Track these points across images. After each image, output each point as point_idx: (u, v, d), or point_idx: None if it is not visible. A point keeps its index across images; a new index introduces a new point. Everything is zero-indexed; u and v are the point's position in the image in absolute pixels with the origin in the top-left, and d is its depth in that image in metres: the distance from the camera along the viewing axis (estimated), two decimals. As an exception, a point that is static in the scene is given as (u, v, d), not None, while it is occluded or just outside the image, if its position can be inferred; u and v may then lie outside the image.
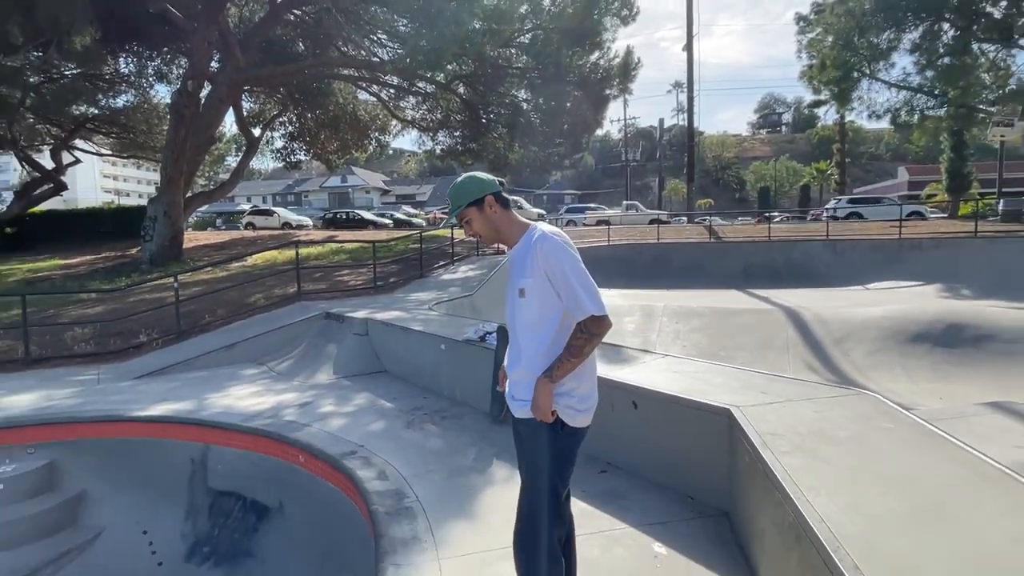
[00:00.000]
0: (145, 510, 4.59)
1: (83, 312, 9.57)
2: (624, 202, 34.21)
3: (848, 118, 34.00)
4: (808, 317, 10.15)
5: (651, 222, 24.15)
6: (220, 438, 4.53)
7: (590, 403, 1.95)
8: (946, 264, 14.21)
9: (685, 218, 27.06)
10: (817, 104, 25.55)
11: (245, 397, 5.38)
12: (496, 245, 15.05)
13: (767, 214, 31.25)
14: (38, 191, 21.46)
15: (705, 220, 25.58)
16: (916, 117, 19.32)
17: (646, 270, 16.04)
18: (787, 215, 35.87)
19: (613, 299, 12.46)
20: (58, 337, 7.87)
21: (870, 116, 20.42)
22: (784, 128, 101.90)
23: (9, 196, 28.19)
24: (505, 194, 1.99)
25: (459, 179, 1.99)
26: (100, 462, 4.75)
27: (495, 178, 1.98)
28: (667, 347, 9.40)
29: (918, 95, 18.96)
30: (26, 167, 22.53)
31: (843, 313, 10.21)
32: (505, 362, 2.06)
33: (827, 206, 25.74)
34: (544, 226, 1.92)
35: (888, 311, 10.11)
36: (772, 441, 2.47)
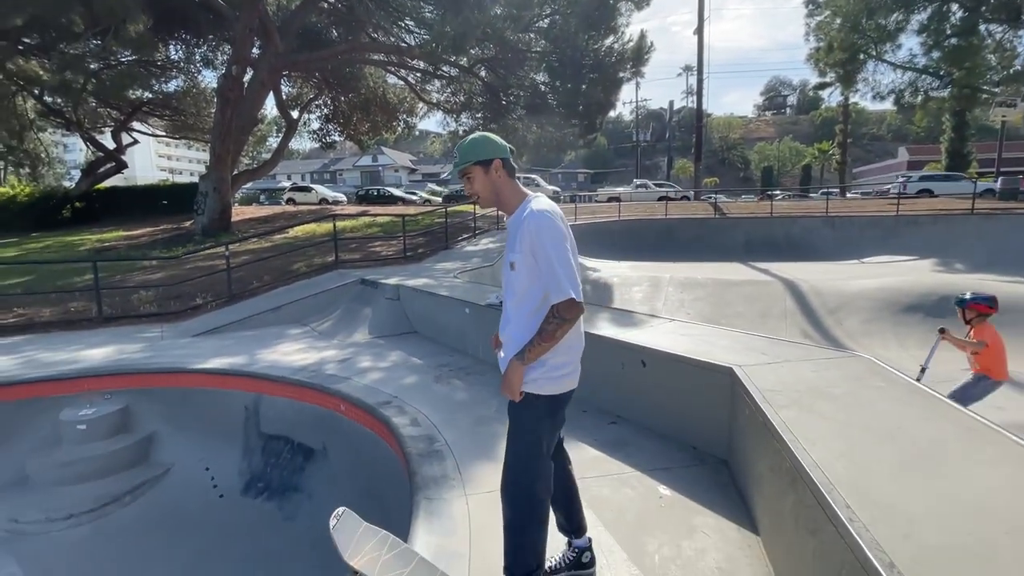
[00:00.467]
0: (207, 450, 4.79)
1: (146, 278, 9.83)
2: (634, 180, 33.54)
3: (852, 100, 32.56)
4: (805, 288, 9.96)
5: (660, 199, 23.71)
6: (270, 388, 4.68)
7: (565, 370, 1.82)
8: (942, 240, 13.74)
9: (691, 195, 26.49)
10: (822, 86, 24.43)
11: (291, 353, 5.52)
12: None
13: (769, 192, 30.40)
14: (102, 169, 21.80)
15: (711, 198, 25.00)
16: (920, 98, 18.41)
17: (654, 244, 15.82)
18: (788, 193, 34.87)
19: (622, 270, 12.36)
20: (126, 299, 8.12)
21: (874, 97, 19.54)
22: (788, 110, 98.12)
23: (77, 174, 28.70)
24: (513, 163, 1.86)
25: (471, 136, 1.86)
26: (167, 408, 4.95)
27: (507, 144, 1.85)
28: (672, 315, 9.32)
29: (923, 76, 18.01)
30: (90, 147, 22.87)
31: (838, 285, 9.99)
32: (499, 327, 1.97)
33: (898, 180, 23.47)
34: (538, 202, 1.79)
35: (882, 283, 9.86)
36: (771, 396, 2.46)
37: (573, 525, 2.08)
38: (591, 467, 2.92)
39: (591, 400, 3.84)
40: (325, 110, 21.23)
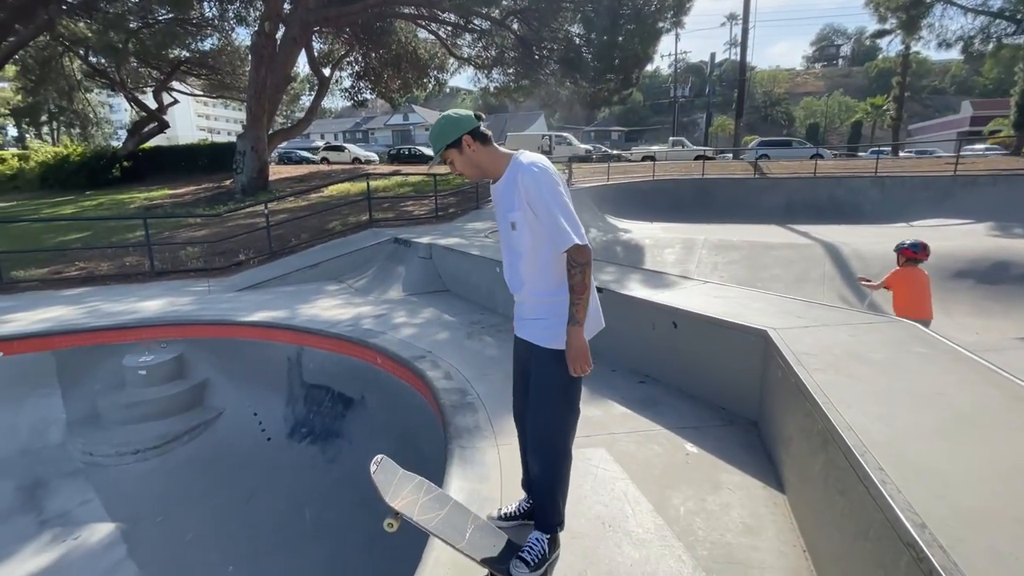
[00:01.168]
0: (255, 397, 5.09)
1: (192, 235, 10.22)
2: (670, 138, 32.21)
3: (913, 48, 29.81)
4: (846, 252, 9.54)
5: (696, 158, 22.76)
6: (311, 341, 4.88)
7: (590, 320, 1.80)
8: (1001, 202, 12.78)
9: (731, 155, 25.30)
10: (881, 34, 22.41)
11: (329, 308, 5.71)
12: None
13: (817, 151, 28.70)
14: (146, 129, 22.39)
15: (756, 154, 23.75)
16: (991, 46, 16.74)
17: (689, 205, 15.32)
18: (835, 152, 32.84)
19: (655, 232, 12.08)
20: (174, 254, 8.49)
21: (939, 45, 17.92)
22: (841, 61, 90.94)
23: (123, 134, 29.59)
24: (484, 128, 1.79)
25: (435, 123, 1.81)
26: (217, 357, 5.25)
27: (471, 113, 1.79)
28: (706, 277, 9.11)
29: (997, 21, 16.30)
30: (134, 107, 23.43)
31: (882, 249, 9.48)
32: (512, 292, 1.94)
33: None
34: (526, 156, 1.76)
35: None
36: (806, 359, 2.42)
37: None
38: (619, 423, 2.97)
39: (621, 360, 3.86)
40: (356, 67, 20.97)
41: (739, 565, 1.90)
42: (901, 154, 27.24)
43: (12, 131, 39.74)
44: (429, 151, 29.08)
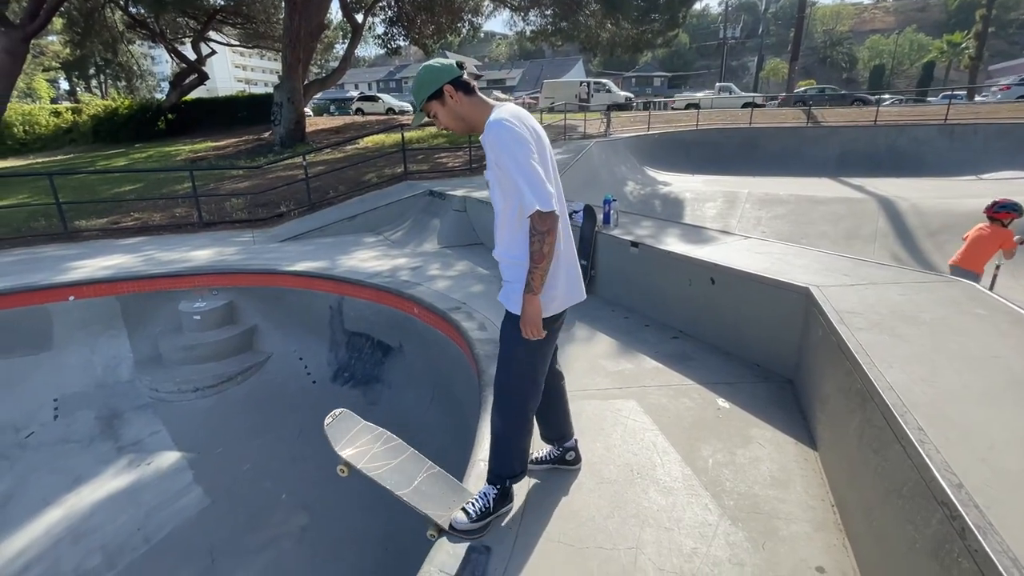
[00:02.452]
0: (300, 343, 5.37)
1: (235, 186, 10.51)
2: (717, 84, 30.23)
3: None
4: (903, 207, 8.94)
5: (744, 106, 21.39)
6: (351, 291, 5.05)
7: (560, 292, 1.74)
8: (1089, 153, 11.58)
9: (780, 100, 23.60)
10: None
11: (367, 260, 5.85)
12: (582, 130, 13.88)
13: (875, 96, 26.43)
14: (187, 81, 22.69)
15: (804, 102, 22.10)
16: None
17: (734, 156, 14.56)
18: (900, 97, 30.14)
19: (696, 185, 11.62)
20: (220, 206, 8.80)
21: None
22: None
23: (165, 86, 30.17)
24: (467, 77, 1.70)
25: (416, 73, 1.71)
26: (264, 305, 5.52)
27: (453, 62, 1.70)
28: (748, 233, 8.80)
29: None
30: (174, 59, 23.69)
31: (945, 204, 8.85)
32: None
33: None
34: (498, 110, 1.63)
35: (1001, 203, 8.62)
36: (849, 318, 2.35)
37: (554, 434, 2.14)
38: (650, 377, 3.00)
39: (654, 315, 3.84)
40: (389, 12, 20.35)
41: (765, 515, 1.94)
42: (977, 99, 24.73)
43: (64, 84, 41.09)
44: (463, 101, 28.49)
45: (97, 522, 3.59)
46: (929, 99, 28.40)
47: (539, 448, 2.22)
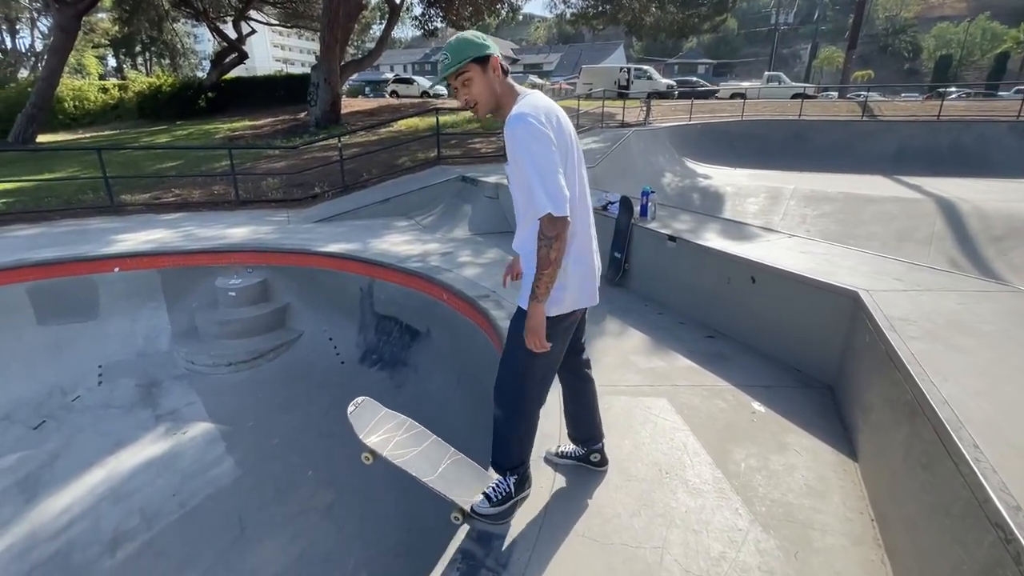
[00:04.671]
0: (330, 323, 5.51)
1: (271, 166, 10.79)
2: (766, 73, 29.11)
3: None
4: (964, 209, 8.47)
5: (794, 96, 20.58)
6: (382, 274, 5.15)
7: (569, 292, 1.68)
8: None
9: (835, 93, 22.59)
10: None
11: (398, 244, 5.94)
12: (620, 118, 13.62)
13: (940, 89, 24.99)
14: (227, 60, 23.35)
15: (860, 96, 21.07)
16: None
17: (780, 150, 14.05)
18: (968, 91, 28.41)
19: (738, 179, 11.30)
20: (256, 185, 9.06)
21: None
22: (994, -23, 76.35)
23: (207, 65, 31.07)
24: (504, 63, 1.62)
25: (458, 34, 1.62)
26: (297, 284, 5.68)
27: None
28: (791, 231, 8.52)
29: None
30: (216, 37, 24.37)
31: (1011, 208, 8.34)
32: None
33: None
34: (523, 102, 1.56)
35: (1077, 209, 8.07)
36: (901, 326, 2.26)
37: (581, 435, 2.11)
38: (683, 376, 2.96)
39: (690, 312, 3.78)
40: (427, -8, 20.35)
41: (799, 524, 1.90)
42: (1055, 94, 23.08)
43: (112, 61, 42.85)
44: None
45: (136, 485, 3.80)
46: (1000, 93, 26.69)
47: (565, 442, 2.23)
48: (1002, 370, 1.88)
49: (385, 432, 2.10)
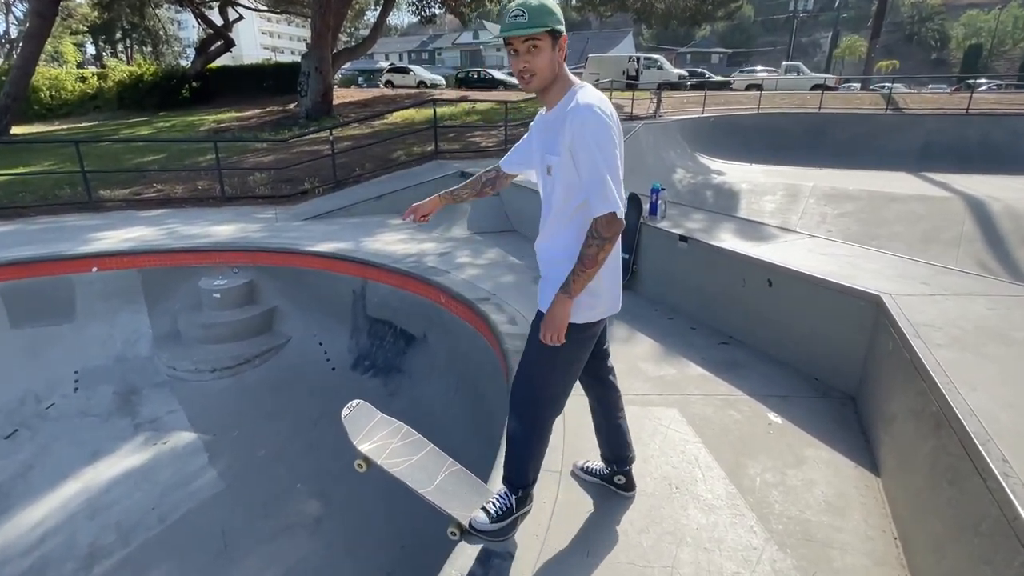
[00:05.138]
0: (320, 327, 5.53)
1: (258, 160, 10.82)
2: (784, 63, 29.14)
3: None
4: (995, 209, 8.46)
5: (813, 88, 20.61)
6: (375, 275, 5.16)
7: (602, 300, 1.70)
8: None
9: (858, 84, 22.60)
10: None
11: (393, 243, 5.95)
12: (629, 110, 13.58)
13: (969, 81, 25.00)
14: (213, 48, 23.44)
15: (885, 87, 21.06)
16: None
17: (799, 144, 14.05)
18: (1000, 83, 28.41)
19: (754, 175, 11.31)
20: (243, 180, 9.09)
21: None
22: (1026, -39, 76.43)
23: (191, 53, 31.22)
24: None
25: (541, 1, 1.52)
26: (285, 285, 5.70)
27: None
28: (811, 231, 8.52)
29: None
30: (201, 24, 24.48)
31: (1046, 207, 8.35)
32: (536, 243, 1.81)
33: None
34: (586, 93, 1.56)
35: (1114, 209, 8.07)
36: (926, 332, 2.26)
37: (615, 456, 2.10)
38: (695, 385, 2.96)
39: (702, 317, 3.79)
40: (425, -23, 20.44)
41: (817, 544, 1.90)
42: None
43: (91, 49, 43.05)
44: (500, 75, 28.41)
45: (113, 498, 3.81)
46: (1033, 85, 26.67)
47: (593, 459, 2.21)
48: (1034, 380, 1.88)
49: (380, 439, 2.09)
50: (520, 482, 1.87)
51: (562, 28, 1.57)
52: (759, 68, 30.15)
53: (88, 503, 3.77)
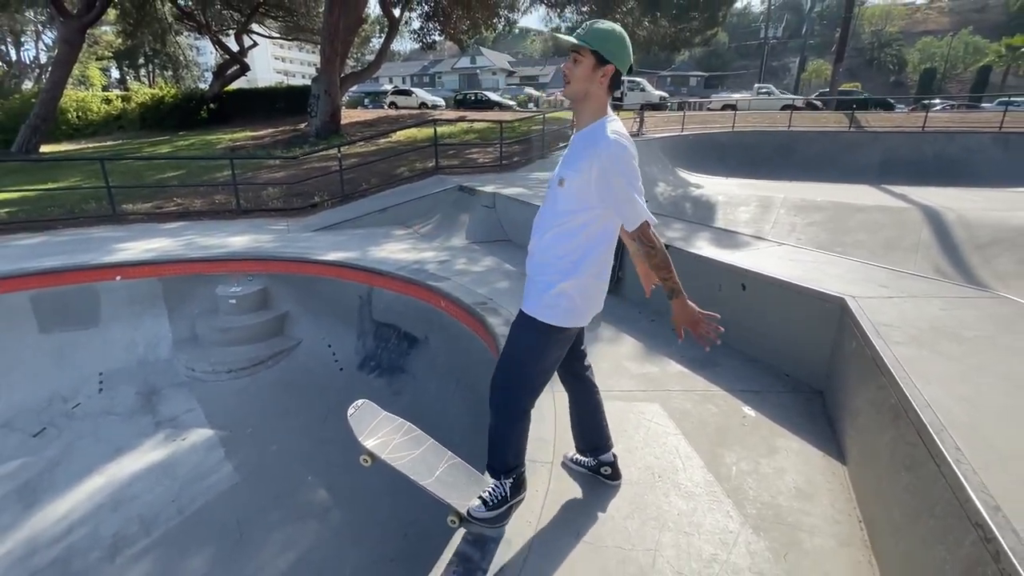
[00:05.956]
0: (329, 330, 5.51)
1: (271, 176, 10.81)
2: (756, 85, 29.42)
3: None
4: (950, 219, 8.55)
5: (783, 108, 20.81)
6: (381, 282, 5.16)
7: (588, 304, 1.75)
8: None
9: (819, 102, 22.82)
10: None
11: (397, 252, 5.95)
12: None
13: (925, 101, 25.29)
14: (229, 72, 23.45)
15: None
16: None
17: (770, 160, 14.18)
18: (953, 103, 28.78)
19: (729, 188, 11.39)
20: (257, 194, 9.07)
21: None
22: (976, -7, 77.57)
23: (209, 76, 31.18)
24: (623, 84, 1.69)
25: (613, 25, 1.62)
26: (296, 292, 5.68)
27: (632, 64, 1.68)
28: (782, 239, 8.57)
29: None
30: (218, 50, 24.49)
31: (995, 216, 8.43)
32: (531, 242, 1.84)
33: None
34: (615, 126, 1.63)
35: (1058, 218, 8.17)
36: (886, 332, 2.29)
37: (587, 445, 2.12)
38: (675, 381, 2.98)
39: (681, 319, 3.80)
40: (426, 7, 20.55)
41: (788, 527, 1.91)
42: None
43: (115, 73, 42.92)
44: (495, 96, 28.54)
45: (135, 491, 3.77)
46: (983, 105, 27.04)
47: (579, 452, 2.22)
48: (984, 375, 1.90)
49: (384, 435, 2.10)
50: (500, 467, 1.88)
51: (611, 57, 1.60)
52: (735, 96, 30.38)
53: (112, 496, 3.73)
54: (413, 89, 33.37)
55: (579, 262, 1.69)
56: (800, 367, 2.98)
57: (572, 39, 1.60)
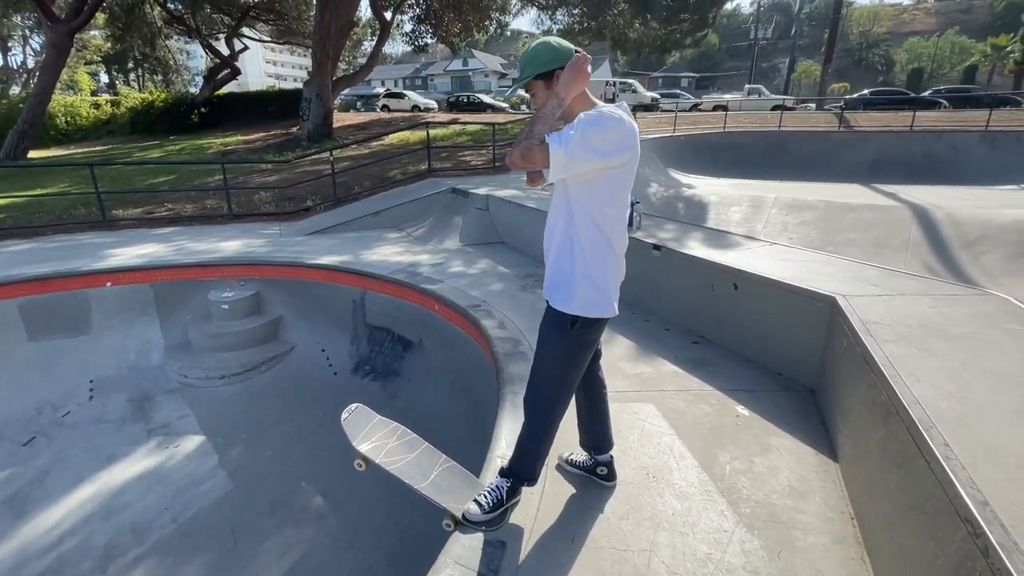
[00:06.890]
0: (322, 335, 5.48)
1: (264, 180, 10.76)
2: (746, 86, 29.63)
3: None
4: (938, 216, 8.64)
5: (774, 108, 20.97)
6: (374, 285, 5.14)
7: (607, 295, 1.71)
8: None
9: (813, 104, 23.04)
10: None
11: (390, 255, 5.94)
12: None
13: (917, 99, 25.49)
14: (220, 76, 23.32)
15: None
16: None
17: (761, 160, 14.28)
18: (943, 102, 29.08)
19: (721, 188, 11.46)
20: (249, 199, 9.03)
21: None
22: (961, -7, 78.59)
23: (199, 80, 30.99)
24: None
25: (532, 44, 1.61)
26: (289, 296, 5.65)
27: (572, 48, 1.61)
28: (773, 238, 8.61)
29: None
30: (209, 54, 24.36)
31: (983, 214, 8.53)
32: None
33: None
34: (604, 107, 1.58)
35: (1044, 215, 8.28)
36: (876, 330, 2.31)
37: (590, 443, 2.12)
38: (669, 381, 2.99)
39: (675, 319, 3.82)
40: (417, 10, 20.55)
41: (782, 525, 1.93)
42: None
43: (104, 77, 42.58)
44: (488, 99, 28.58)
45: (127, 500, 3.74)
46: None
47: (577, 451, 2.22)
48: (972, 372, 1.92)
49: (378, 439, 2.09)
50: (525, 474, 1.89)
51: (551, 68, 1.59)
52: (727, 96, 30.62)
53: (103, 505, 3.69)
54: (405, 92, 33.31)
55: (594, 246, 1.67)
56: (792, 366, 3.00)
57: (520, 88, 1.66)
